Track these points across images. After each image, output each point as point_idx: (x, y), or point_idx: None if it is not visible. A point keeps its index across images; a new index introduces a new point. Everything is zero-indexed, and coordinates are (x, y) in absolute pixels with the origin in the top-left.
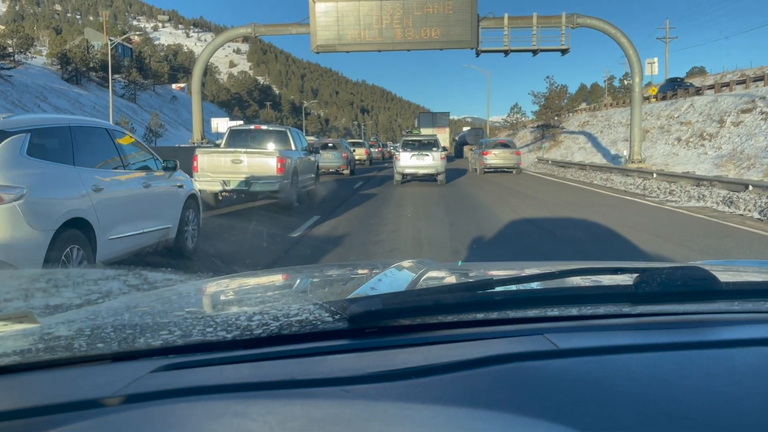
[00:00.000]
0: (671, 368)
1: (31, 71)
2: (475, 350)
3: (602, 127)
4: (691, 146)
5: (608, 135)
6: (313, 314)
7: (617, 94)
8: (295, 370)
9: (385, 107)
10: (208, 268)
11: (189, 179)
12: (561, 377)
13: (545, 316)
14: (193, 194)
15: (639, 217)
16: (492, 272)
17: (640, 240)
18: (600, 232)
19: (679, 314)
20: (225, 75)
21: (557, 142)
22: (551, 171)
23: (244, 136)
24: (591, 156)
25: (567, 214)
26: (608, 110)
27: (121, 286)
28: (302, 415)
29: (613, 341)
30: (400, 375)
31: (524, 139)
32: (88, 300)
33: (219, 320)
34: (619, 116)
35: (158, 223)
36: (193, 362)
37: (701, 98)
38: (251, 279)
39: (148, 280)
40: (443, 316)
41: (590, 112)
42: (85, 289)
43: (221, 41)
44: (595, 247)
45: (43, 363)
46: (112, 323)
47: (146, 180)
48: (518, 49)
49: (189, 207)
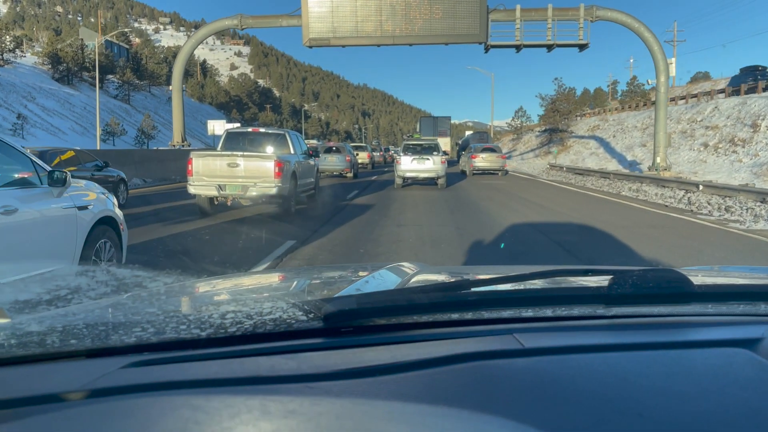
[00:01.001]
0: (632, 368)
1: (20, 70)
2: (442, 349)
3: (614, 132)
4: (722, 153)
5: (622, 140)
6: (287, 313)
7: (624, 98)
8: (263, 366)
9: (386, 111)
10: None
11: (103, 196)
12: (523, 376)
13: (519, 317)
14: (109, 217)
15: (712, 248)
16: (480, 275)
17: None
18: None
19: (653, 316)
20: (226, 77)
21: (566, 147)
22: (566, 179)
23: (241, 139)
24: (605, 162)
25: (616, 244)
26: (620, 114)
27: (89, 282)
28: (258, 409)
29: (579, 341)
30: (366, 372)
31: (529, 143)
32: (58, 295)
33: (193, 318)
34: (632, 120)
35: (31, 266)
36: (164, 359)
37: (727, 100)
38: (232, 280)
39: (116, 276)
40: (418, 316)
41: (600, 116)
42: (54, 285)
43: (204, 34)
44: None
45: (15, 358)
46: (85, 320)
47: (12, 202)
48: (532, 44)
49: (101, 236)
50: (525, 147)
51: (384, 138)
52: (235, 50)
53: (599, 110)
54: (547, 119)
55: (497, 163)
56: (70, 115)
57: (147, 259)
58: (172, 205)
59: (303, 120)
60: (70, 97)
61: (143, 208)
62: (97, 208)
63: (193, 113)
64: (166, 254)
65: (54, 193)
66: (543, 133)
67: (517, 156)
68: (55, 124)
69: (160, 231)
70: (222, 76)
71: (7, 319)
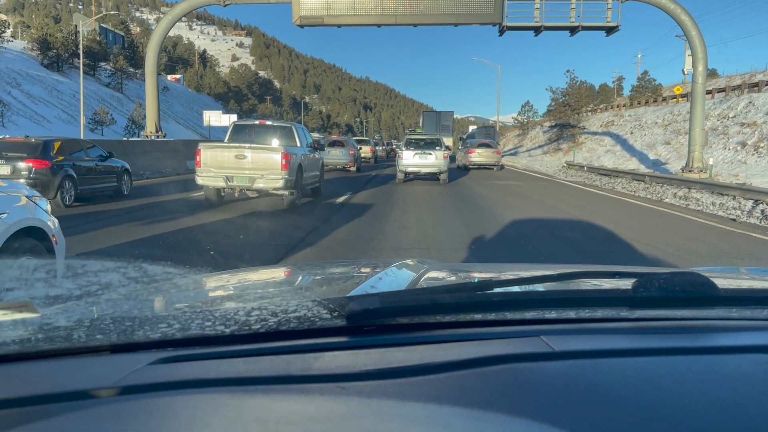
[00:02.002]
0: (666, 373)
1: (7, 56)
2: (470, 350)
3: (631, 128)
4: (764, 153)
5: (641, 137)
6: (312, 311)
7: (635, 93)
8: (292, 365)
9: (388, 104)
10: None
11: (26, 199)
12: (555, 379)
13: (543, 318)
14: (34, 228)
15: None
16: (494, 273)
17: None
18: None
19: (677, 319)
20: (227, 68)
21: (578, 144)
22: (589, 180)
23: (248, 132)
24: (623, 161)
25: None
26: (637, 109)
27: (121, 278)
28: (297, 411)
29: (609, 345)
30: (395, 373)
31: (536, 139)
32: (88, 291)
33: (218, 314)
34: (651, 116)
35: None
36: (191, 356)
37: (762, 95)
38: (251, 274)
39: (147, 272)
40: (441, 315)
41: (614, 111)
42: (85, 281)
43: (182, 10)
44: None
45: (41, 353)
46: (112, 315)
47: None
48: (553, 26)
49: (21, 252)
50: (532, 143)
51: (385, 132)
52: (236, 41)
53: (612, 105)
54: (557, 114)
55: (492, 159)
56: (57, 102)
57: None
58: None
59: (302, 112)
60: (58, 84)
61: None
62: (15, 217)
63: (190, 103)
64: (193, 245)
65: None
66: (551, 129)
67: (524, 152)
68: (40, 112)
69: (175, 223)
70: (223, 67)
71: (36, 313)
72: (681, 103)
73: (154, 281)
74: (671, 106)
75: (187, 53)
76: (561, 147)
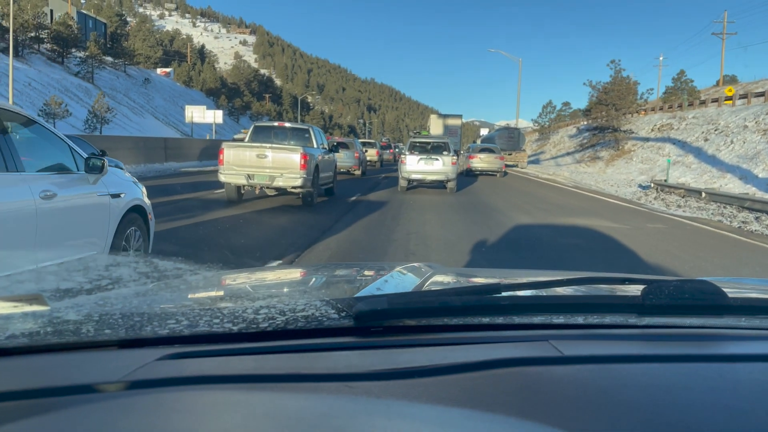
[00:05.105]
0: (676, 380)
1: None
2: (479, 353)
3: (704, 134)
4: None
5: (726, 145)
6: (320, 310)
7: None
8: (300, 364)
9: (393, 106)
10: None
11: (133, 185)
12: (565, 384)
13: (551, 323)
14: (139, 206)
15: None
16: (499, 278)
17: None
18: None
19: (686, 327)
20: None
21: (623, 152)
22: (717, 212)
23: (267, 132)
24: (709, 177)
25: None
26: (704, 109)
27: (131, 273)
28: (307, 408)
29: (618, 351)
30: (404, 374)
31: (561, 145)
32: (99, 286)
33: (226, 312)
34: (733, 118)
35: (67, 252)
36: (199, 352)
37: None
38: (260, 273)
39: (158, 268)
40: (448, 318)
41: (669, 113)
42: (96, 275)
43: None
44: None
45: (50, 346)
46: (121, 310)
47: (51, 187)
48: None
49: (130, 224)
50: (556, 149)
51: (390, 134)
52: (240, 39)
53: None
54: (597, 114)
55: (495, 165)
56: (4, 91)
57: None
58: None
59: (300, 111)
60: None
61: None
62: (129, 197)
63: (175, 98)
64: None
65: (90, 180)
66: (582, 133)
67: (548, 160)
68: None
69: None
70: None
71: (46, 306)
72: (714, 107)
73: (164, 277)
74: (759, 106)
75: (184, 48)
76: (600, 155)
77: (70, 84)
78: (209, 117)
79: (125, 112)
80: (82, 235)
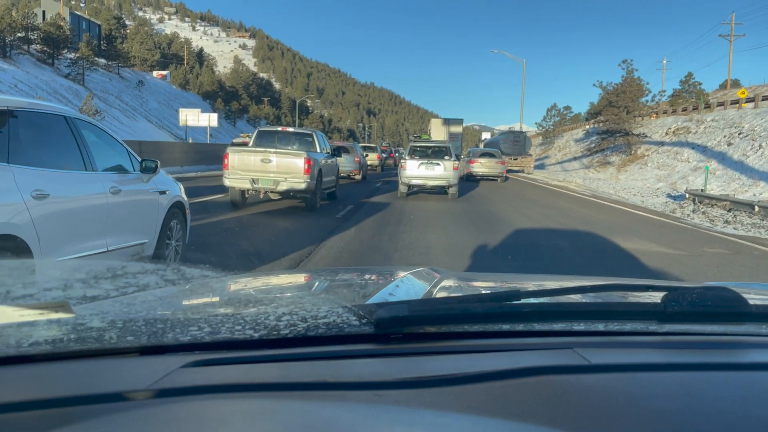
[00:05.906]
0: (706, 389)
1: None
2: (506, 361)
3: (726, 138)
4: None
5: (755, 150)
6: (341, 317)
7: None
8: (326, 372)
9: (392, 110)
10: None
11: (174, 183)
12: (594, 392)
13: (571, 330)
14: (179, 202)
15: None
16: (507, 282)
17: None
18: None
19: (707, 334)
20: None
21: (635, 157)
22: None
23: (271, 137)
24: (737, 185)
25: None
26: (723, 111)
27: (158, 281)
28: (338, 417)
29: (643, 358)
30: (432, 382)
31: (566, 149)
32: (125, 293)
33: (248, 319)
34: (757, 120)
35: (129, 238)
36: (223, 359)
37: None
38: (278, 278)
39: (185, 275)
40: (469, 325)
41: (684, 115)
42: (123, 282)
43: None
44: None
45: (73, 353)
46: (144, 317)
47: (116, 184)
48: None
49: (173, 217)
50: (561, 154)
51: (389, 138)
52: (240, 42)
53: (695, 103)
54: (607, 117)
55: (497, 169)
56: None
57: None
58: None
59: (298, 114)
60: None
61: None
62: (172, 194)
63: (170, 101)
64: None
65: (144, 179)
66: (590, 136)
67: (553, 165)
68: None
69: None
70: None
71: (71, 314)
72: (725, 110)
73: (188, 283)
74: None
75: (182, 51)
76: (610, 160)
77: (60, 86)
78: (204, 120)
79: (116, 115)
80: (139, 224)
